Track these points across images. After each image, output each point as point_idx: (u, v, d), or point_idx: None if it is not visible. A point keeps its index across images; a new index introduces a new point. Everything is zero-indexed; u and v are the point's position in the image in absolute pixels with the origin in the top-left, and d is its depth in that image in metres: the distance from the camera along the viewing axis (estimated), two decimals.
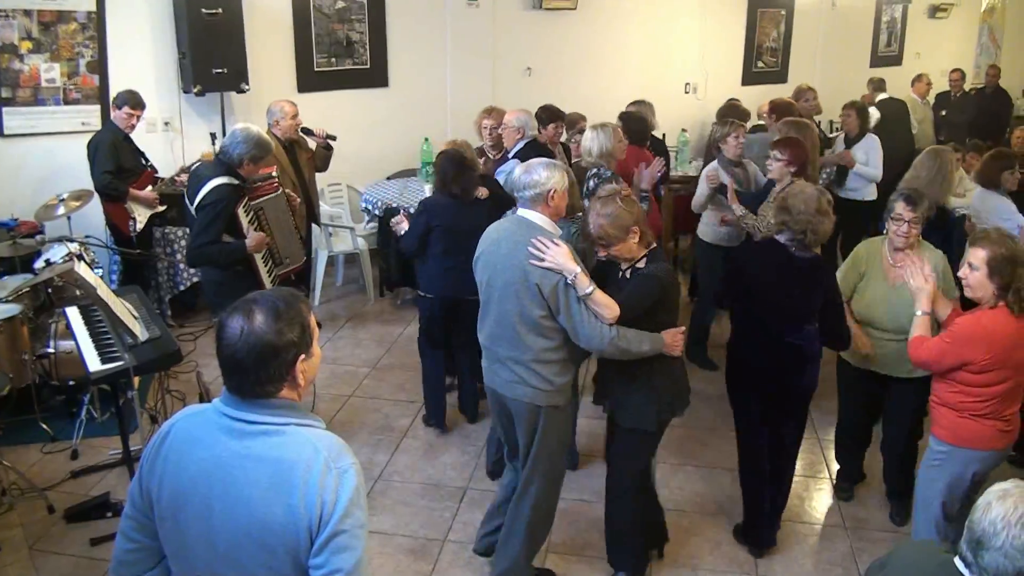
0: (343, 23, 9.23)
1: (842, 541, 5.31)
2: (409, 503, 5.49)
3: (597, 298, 4.07)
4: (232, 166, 5.50)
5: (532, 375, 4.24)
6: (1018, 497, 2.52)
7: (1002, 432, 4.27)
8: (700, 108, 12.41)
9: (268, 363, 2.33)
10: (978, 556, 2.54)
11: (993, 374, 4.13)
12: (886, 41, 15.29)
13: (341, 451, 2.39)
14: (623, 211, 4.18)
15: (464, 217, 5.90)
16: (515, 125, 7.10)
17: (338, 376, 7.10)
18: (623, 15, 11.45)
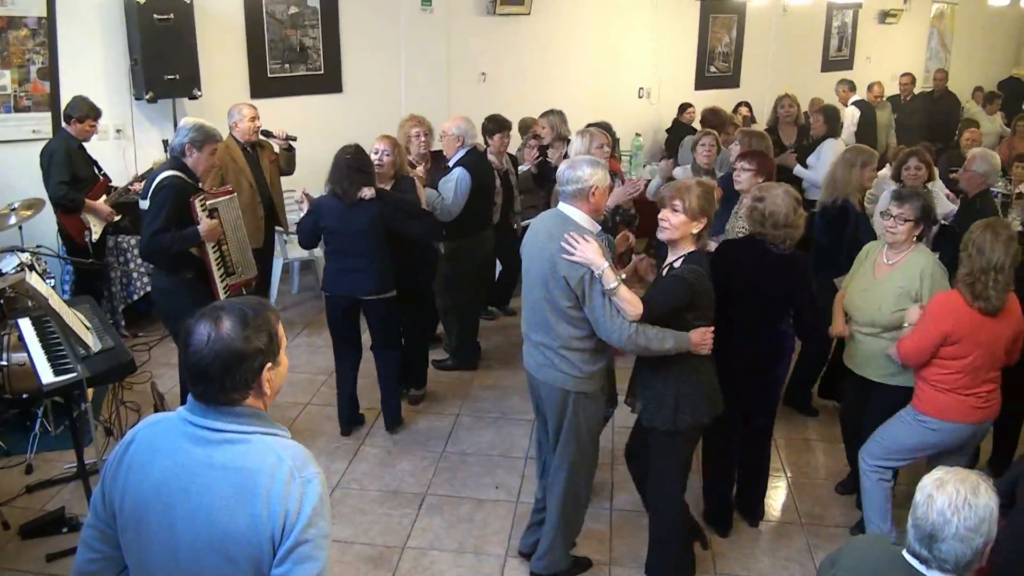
0: (296, 28, 9.19)
1: (799, 537, 5.39)
2: (367, 511, 5.47)
3: (622, 294, 4.18)
4: (179, 159, 5.50)
5: (561, 360, 4.40)
6: (954, 482, 2.60)
7: (974, 407, 4.52)
8: (653, 112, 12.50)
9: (234, 370, 2.33)
10: (933, 549, 2.59)
11: (960, 347, 4.41)
12: (837, 46, 15.51)
13: (306, 461, 2.39)
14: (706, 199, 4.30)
15: (346, 219, 5.98)
16: (455, 133, 7.10)
17: (294, 384, 7.06)
18: (576, 20, 11.51)
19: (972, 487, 2.59)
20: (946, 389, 4.52)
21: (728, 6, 13.18)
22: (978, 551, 2.58)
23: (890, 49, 16.16)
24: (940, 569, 2.61)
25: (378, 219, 5.95)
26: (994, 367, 4.54)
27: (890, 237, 5.05)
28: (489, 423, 6.62)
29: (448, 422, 6.61)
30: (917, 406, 4.66)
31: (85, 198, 7.18)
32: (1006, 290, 4.38)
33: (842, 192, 6.16)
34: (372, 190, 5.96)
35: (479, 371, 7.55)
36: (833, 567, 2.96)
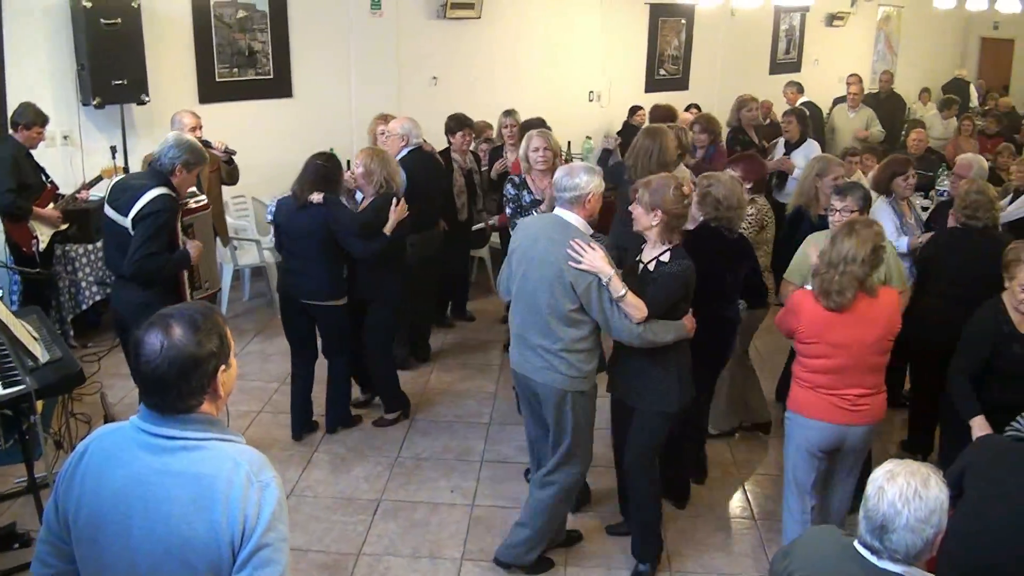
0: (245, 33, 9.13)
1: (752, 533, 5.47)
2: (322, 518, 5.45)
3: (629, 300, 4.35)
4: (165, 174, 5.30)
5: (561, 362, 4.54)
6: (905, 474, 2.64)
7: (837, 407, 4.53)
8: (604, 115, 12.56)
9: (190, 375, 2.33)
10: (885, 540, 2.62)
11: (812, 347, 4.48)
12: (785, 48, 15.68)
13: (262, 465, 2.40)
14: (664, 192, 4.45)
15: (295, 220, 6.06)
16: (399, 132, 7.12)
17: (246, 392, 7.00)
18: (526, 24, 11.53)
19: (923, 479, 2.63)
20: (808, 386, 4.59)
21: (677, 9, 13.27)
22: (929, 541, 2.61)
23: (837, 52, 16.39)
24: (891, 559, 2.65)
25: (323, 226, 5.96)
26: (865, 371, 4.52)
27: (835, 228, 5.12)
28: (444, 427, 6.61)
29: (402, 427, 6.59)
30: (789, 405, 4.75)
31: (33, 206, 7.07)
32: (855, 286, 4.36)
33: (801, 200, 6.24)
34: (320, 196, 5.95)
35: (434, 374, 7.54)
36: (786, 559, 2.98)
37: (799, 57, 16.04)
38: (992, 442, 3.89)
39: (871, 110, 11.81)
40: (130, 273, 5.22)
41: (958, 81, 17.24)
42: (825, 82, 14.89)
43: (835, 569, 2.80)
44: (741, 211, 5.27)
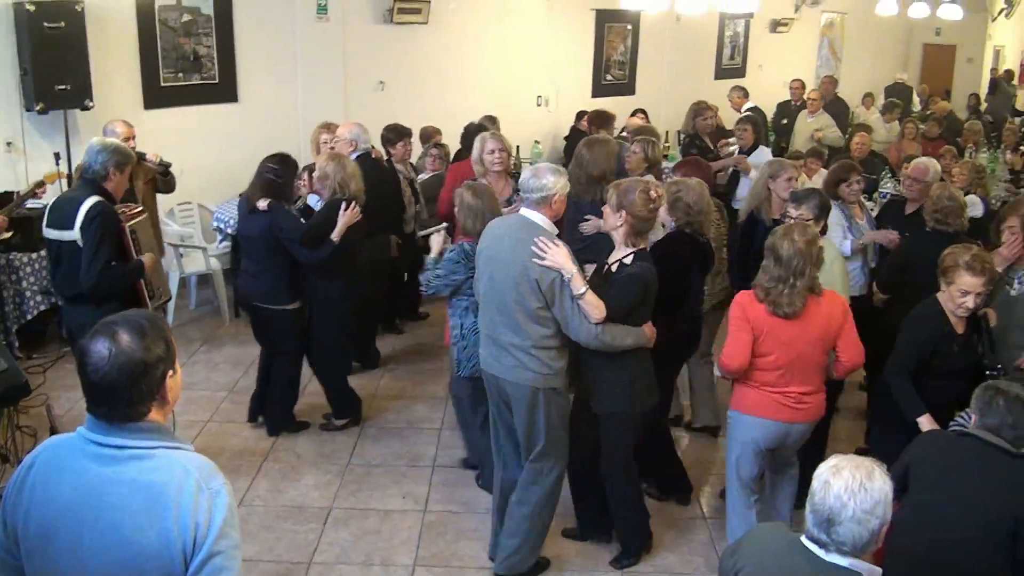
0: (190, 37, 9.01)
1: (702, 532, 5.52)
2: (273, 527, 5.41)
3: (589, 299, 4.41)
4: (98, 182, 5.24)
5: (532, 360, 4.58)
6: (850, 468, 2.70)
7: (782, 405, 4.61)
8: (552, 120, 12.60)
9: (140, 381, 2.32)
10: (831, 533, 2.67)
11: (760, 344, 4.52)
12: (730, 54, 15.85)
13: (212, 472, 2.40)
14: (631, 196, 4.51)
15: (245, 223, 6.18)
16: (347, 138, 7.10)
17: (194, 401, 6.89)
18: (474, 29, 11.53)
19: (867, 472, 2.69)
20: (754, 385, 4.65)
21: (623, 15, 13.33)
22: (874, 532, 2.67)
23: (782, 57, 16.60)
24: (839, 551, 2.70)
25: (268, 231, 5.98)
26: (808, 369, 4.60)
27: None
28: (395, 433, 6.58)
29: (353, 433, 6.55)
30: (732, 404, 4.81)
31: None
32: (804, 296, 4.44)
33: (754, 203, 6.28)
34: (266, 202, 5.97)
35: (384, 380, 7.51)
36: (733, 557, 3.01)
37: (744, 62, 16.22)
38: (936, 437, 3.95)
39: (829, 116, 12.03)
40: (91, 285, 5.15)
41: (900, 85, 17.52)
42: (770, 87, 15.07)
43: (782, 564, 2.84)
44: (710, 215, 5.43)
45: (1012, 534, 3.45)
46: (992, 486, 3.52)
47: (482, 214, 5.24)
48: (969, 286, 4.44)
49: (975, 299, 4.49)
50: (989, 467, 3.55)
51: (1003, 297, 5.22)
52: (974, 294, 4.46)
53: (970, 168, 8.78)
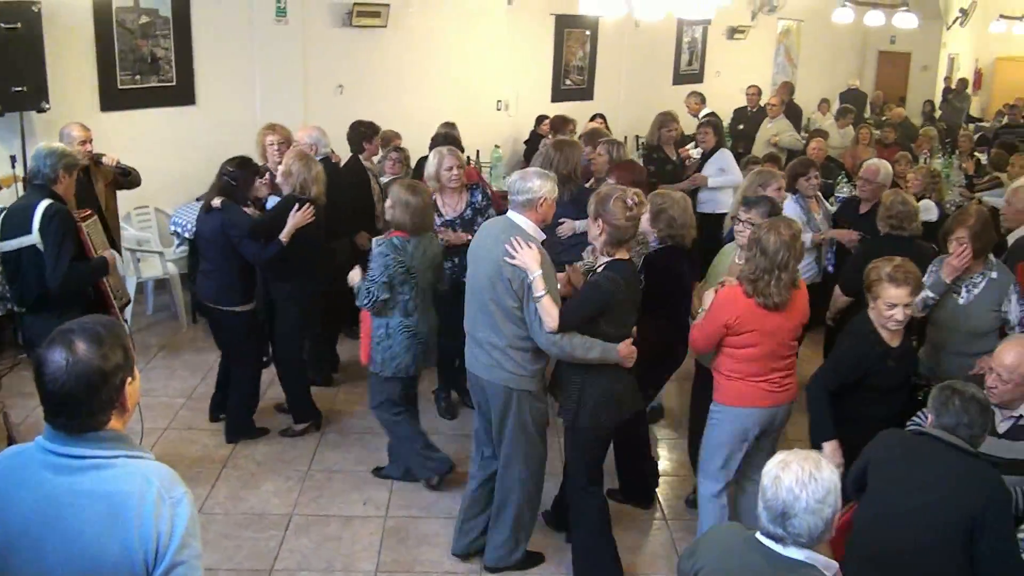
0: (147, 39, 8.89)
1: (663, 533, 5.58)
2: (233, 536, 5.34)
3: (544, 303, 4.43)
4: (48, 185, 5.24)
5: (507, 360, 4.65)
6: (797, 461, 2.75)
7: (768, 391, 4.73)
8: (512, 124, 12.60)
9: (99, 390, 2.29)
10: (787, 526, 2.71)
11: (747, 336, 4.60)
12: (687, 60, 15.96)
13: (173, 481, 2.38)
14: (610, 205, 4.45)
15: (201, 222, 6.20)
16: (307, 142, 7.04)
17: (152, 408, 6.76)
18: (433, 33, 11.50)
19: (815, 463, 2.74)
20: (739, 378, 4.73)
21: (582, 21, 13.36)
22: (828, 521, 2.71)
23: (739, 63, 16.76)
24: (795, 544, 2.74)
25: (220, 230, 5.99)
26: (785, 354, 4.76)
27: (740, 240, 5.32)
28: (355, 439, 6.54)
29: (313, 439, 6.50)
30: (718, 399, 4.86)
31: None
32: (789, 287, 4.57)
33: None
34: (219, 200, 5.99)
35: (344, 385, 7.46)
36: (692, 558, 3.04)
37: (701, 68, 16.34)
38: (894, 436, 3.98)
39: (787, 121, 12.23)
40: (57, 284, 5.13)
41: (855, 91, 17.73)
42: (727, 93, 15.18)
43: (740, 562, 2.87)
44: (692, 229, 5.50)
45: (969, 531, 3.49)
46: (949, 485, 3.56)
47: (419, 211, 5.33)
48: (894, 298, 4.43)
49: (903, 311, 4.46)
50: (946, 466, 3.59)
51: (951, 306, 5.28)
52: (901, 306, 4.45)
53: (925, 173, 8.87)
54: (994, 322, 5.27)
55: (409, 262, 5.42)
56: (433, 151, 6.69)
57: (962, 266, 5.22)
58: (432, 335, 5.74)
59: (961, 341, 5.23)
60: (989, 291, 5.25)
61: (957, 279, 5.28)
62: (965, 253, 5.19)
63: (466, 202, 6.54)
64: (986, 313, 5.25)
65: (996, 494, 3.54)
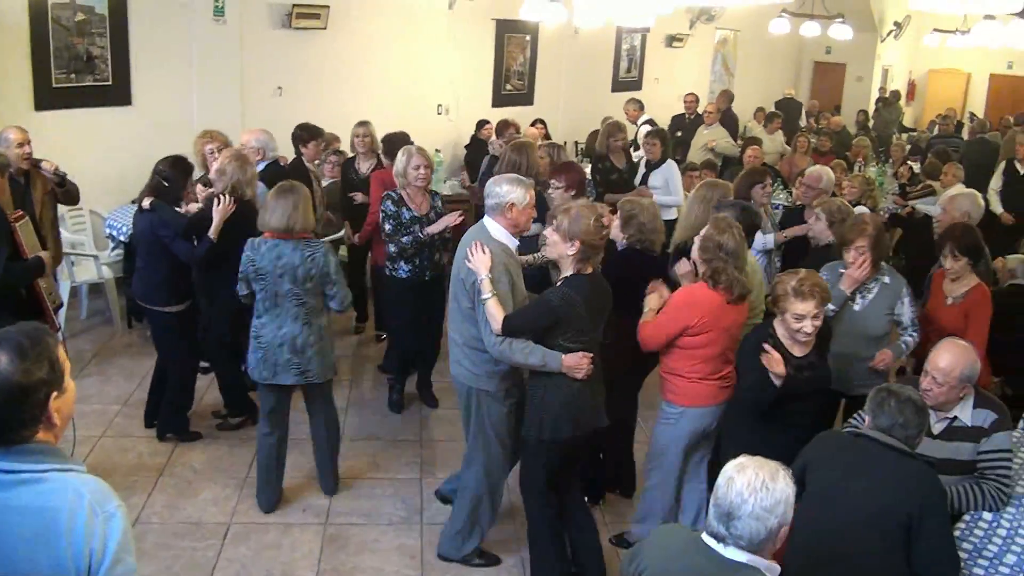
0: (83, 37, 8.71)
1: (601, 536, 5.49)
2: (170, 545, 5.25)
3: (489, 306, 4.53)
4: None
5: (465, 357, 4.84)
6: (754, 467, 2.77)
7: (720, 388, 4.87)
8: (453, 129, 12.58)
9: (20, 406, 2.22)
10: (730, 527, 2.74)
11: (706, 336, 4.70)
12: (626, 67, 16.06)
13: (106, 495, 2.31)
14: (584, 223, 4.42)
15: (136, 223, 6.20)
16: (255, 146, 6.97)
17: (86, 416, 6.62)
18: (374, 37, 11.44)
19: (771, 472, 2.77)
20: (696, 378, 4.83)
21: (522, 26, 13.39)
22: (772, 531, 2.74)
23: (677, 71, 16.94)
24: (736, 546, 2.76)
25: (150, 229, 5.99)
26: (733, 349, 4.86)
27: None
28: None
29: (251, 445, 6.36)
30: (673, 400, 4.92)
31: None
32: (744, 280, 4.72)
33: None
34: (149, 200, 5.99)
35: None
36: (635, 560, 3.06)
37: (640, 76, 16.45)
38: (832, 438, 4.04)
39: (723, 128, 12.43)
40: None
41: (790, 100, 17.98)
42: (665, 100, 15.34)
43: (682, 562, 2.89)
44: (661, 234, 5.55)
45: (906, 529, 3.56)
46: (886, 484, 3.62)
47: (281, 212, 5.24)
48: (802, 311, 4.41)
49: (812, 322, 4.44)
50: (883, 466, 3.65)
51: (847, 314, 5.33)
52: (810, 317, 4.42)
53: (860, 181, 9.04)
54: (887, 325, 5.38)
55: (259, 263, 5.29)
56: (402, 149, 6.70)
57: (863, 276, 5.26)
58: (281, 349, 5.38)
59: (858, 346, 5.29)
60: (883, 296, 5.33)
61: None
62: (866, 264, 5.23)
63: (429, 204, 6.63)
64: (881, 317, 5.34)
65: (932, 493, 3.61)
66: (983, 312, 5.54)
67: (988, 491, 4.16)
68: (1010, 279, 6.42)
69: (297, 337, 5.35)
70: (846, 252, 5.31)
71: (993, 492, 4.15)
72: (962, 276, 5.60)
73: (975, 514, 4.13)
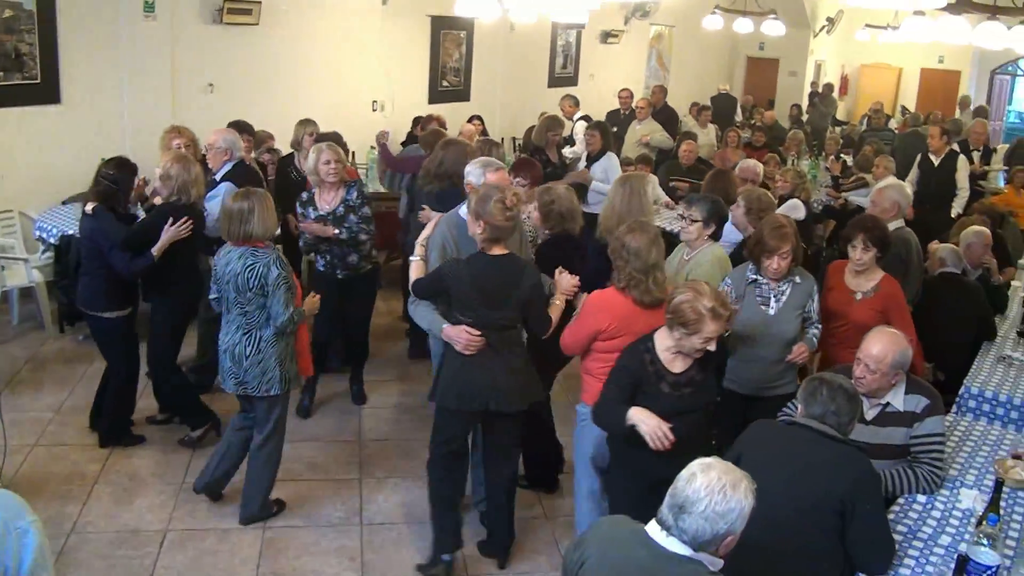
0: (11, 34, 8.49)
1: (544, 530, 5.62)
2: (106, 555, 5.15)
3: (412, 267, 5.13)
4: None
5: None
6: (720, 470, 2.79)
7: None
8: (388, 125, 12.46)
9: None
10: (679, 519, 2.76)
11: (620, 340, 4.61)
12: (562, 63, 16.12)
13: (19, 510, 2.26)
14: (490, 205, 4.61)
15: (81, 227, 6.12)
16: (222, 146, 6.86)
17: (18, 424, 6.42)
18: (307, 32, 11.34)
19: (734, 481, 2.79)
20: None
21: (457, 23, 13.35)
22: (718, 536, 2.76)
23: (612, 67, 17.01)
24: (679, 539, 2.78)
25: (90, 235, 5.92)
26: None
27: (684, 236, 5.55)
28: None
29: (186, 451, 6.30)
30: (585, 400, 4.85)
31: None
32: (663, 284, 4.68)
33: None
34: (91, 206, 5.90)
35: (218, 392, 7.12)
36: (578, 550, 3.07)
37: (576, 71, 16.52)
38: (765, 427, 4.08)
39: (656, 123, 12.49)
40: None
41: (725, 95, 18.17)
42: (601, 96, 15.40)
43: (624, 553, 2.91)
44: (580, 218, 5.81)
45: (840, 514, 3.61)
46: (819, 471, 3.67)
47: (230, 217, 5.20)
48: (715, 332, 4.20)
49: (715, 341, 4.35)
50: (816, 453, 3.70)
51: (761, 319, 5.18)
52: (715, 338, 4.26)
53: (792, 175, 9.13)
54: (799, 323, 5.26)
55: (216, 269, 5.30)
56: (313, 146, 6.71)
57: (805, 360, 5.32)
58: (224, 356, 5.32)
59: (774, 349, 5.19)
60: (795, 296, 5.21)
61: (766, 288, 5.24)
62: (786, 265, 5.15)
63: (341, 198, 6.59)
64: (793, 318, 5.21)
65: (865, 478, 3.67)
66: (901, 304, 5.52)
67: (922, 474, 4.25)
68: (940, 267, 6.56)
69: (236, 346, 5.25)
70: (767, 259, 5.11)
71: (927, 475, 4.25)
72: (868, 269, 5.52)
73: (909, 497, 4.21)
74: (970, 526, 3.97)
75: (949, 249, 6.67)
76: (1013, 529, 3.98)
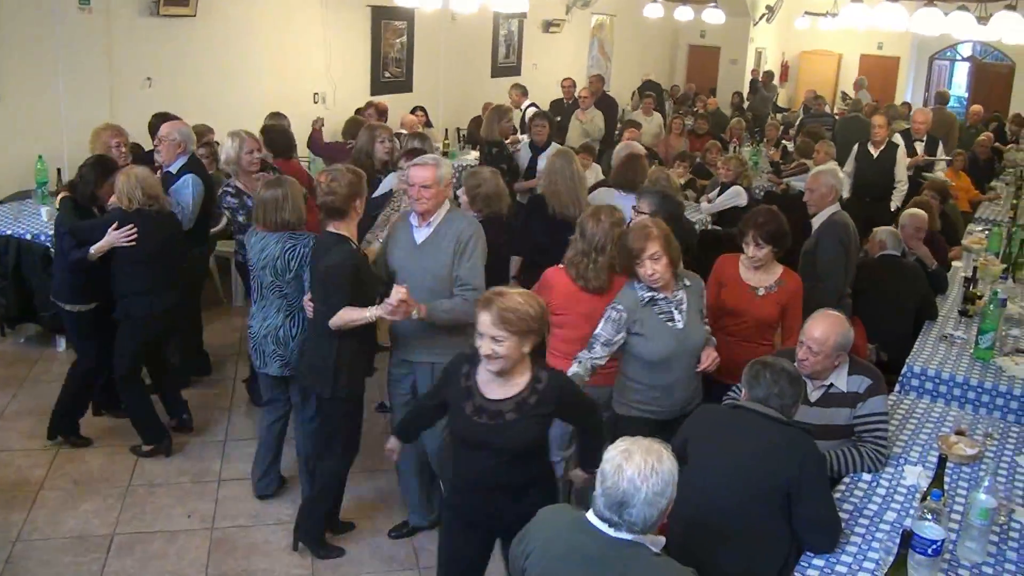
0: None
1: None
2: (52, 561, 5.05)
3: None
4: None
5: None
6: (641, 452, 2.81)
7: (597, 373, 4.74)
8: (329, 117, 12.37)
9: None
10: (623, 514, 2.77)
11: (565, 317, 4.81)
12: (505, 53, 16.11)
13: None
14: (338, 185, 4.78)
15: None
16: (176, 139, 6.71)
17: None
18: (245, 24, 11.18)
19: (657, 455, 2.81)
20: (563, 356, 4.83)
21: (398, 13, 13.26)
22: (662, 511, 2.81)
23: (555, 56, 17.03)
24: (629, 530, 2.80)
25: (56, 224, 6.05)
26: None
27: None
28: (176, 449, 6.24)
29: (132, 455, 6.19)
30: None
31: None
32: (607, 271, 4.79)
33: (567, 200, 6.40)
34: (60, 196, 6.11)
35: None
36: (522, 542, 3.08)
37: (519, 61, 16.53)
38: (710, 411, 4.12)
39: (599, 111, 12.54)
40: None
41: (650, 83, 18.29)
42: (544, 85, 15.38)
43: (568, 543, 2.92)
44: (506, 198, 5.97)
45: (786, 496, 3.64)
46: (764, 453, 3.69)
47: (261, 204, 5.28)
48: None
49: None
50: (760, 436, 3.73)
51: (672, 335, 4.67)
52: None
53: (735, 162, 9.22)
54: (704, 328, 4.90)
55: (249, 255, 5.46)
56: (232, 135, 6.64)
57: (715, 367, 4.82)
58: (266, 340, 5.33)
59: (690, 364, 4.76)
60: (692, 300, 4.77)
61: (663, 304, 4.69)
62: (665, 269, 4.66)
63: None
64: (700, 324, 4.84)
65: (810, 459, 3.69)
66: (799, 299, 5.39)
67: (867, 453, 4.29)
68: (880, 249, 6.66)
69: (280, 329, 5.33)
70: (639, 267, 4.61)
71: (871, 454, 4.29)
72: (767, 264, 5.35)
73: (855, 475, 4.26)
74: (915, 502, 4.03)
75: (888, 232, 6.79)
76: (957, 504, 4.04)
